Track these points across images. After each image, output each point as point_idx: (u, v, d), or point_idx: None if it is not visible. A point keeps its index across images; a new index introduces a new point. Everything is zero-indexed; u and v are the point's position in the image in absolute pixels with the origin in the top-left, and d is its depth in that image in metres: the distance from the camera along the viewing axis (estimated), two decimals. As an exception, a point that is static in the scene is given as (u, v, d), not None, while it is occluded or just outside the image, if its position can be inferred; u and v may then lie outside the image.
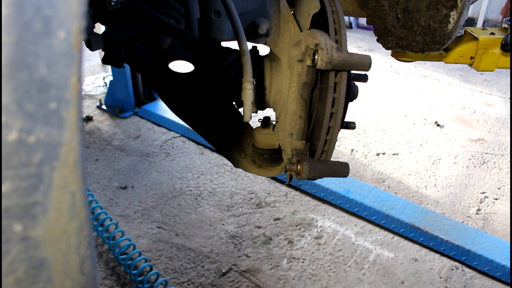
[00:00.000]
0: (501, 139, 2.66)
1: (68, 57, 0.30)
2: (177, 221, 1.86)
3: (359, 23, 5.30)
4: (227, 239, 1.76)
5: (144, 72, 1.09)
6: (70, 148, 0.32)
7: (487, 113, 3.00)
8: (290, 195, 2.05)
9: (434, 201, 2.05)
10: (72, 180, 0.33)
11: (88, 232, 0.35)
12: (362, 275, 1.62)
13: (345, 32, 0.72)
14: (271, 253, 1.70)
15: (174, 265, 1.63)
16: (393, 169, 2.29)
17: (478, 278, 1.62)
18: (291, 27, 0.78)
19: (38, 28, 0.28)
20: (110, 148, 2.42)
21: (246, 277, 1.58)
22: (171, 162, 2.29)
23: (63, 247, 0.34)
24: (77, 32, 0.30)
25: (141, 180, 2.13)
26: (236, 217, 1.89)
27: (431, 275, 1.63)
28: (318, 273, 1.62)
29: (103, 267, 1.61)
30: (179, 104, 1.06)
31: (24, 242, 0.31)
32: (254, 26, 0.78)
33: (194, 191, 2.06)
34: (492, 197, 2.09)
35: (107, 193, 2.02)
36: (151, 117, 2.73)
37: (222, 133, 1.02)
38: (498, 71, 3.65)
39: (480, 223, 1.92)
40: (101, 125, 2.68)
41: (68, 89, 0.31)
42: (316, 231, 1.83)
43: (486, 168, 2.34)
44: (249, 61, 0.70)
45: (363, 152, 2.45)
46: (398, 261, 1.69)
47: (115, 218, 1.84)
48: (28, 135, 0.29)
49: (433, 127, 2.77)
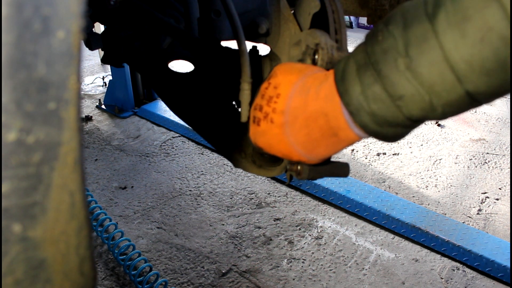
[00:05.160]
0: (502, 139, 2.66)
1: (67, 57, 0.30)
2: (177, 221, 1.86)
3: (359, 23, 5.30)
4: (227, 239, 1.76)
5: (143, 72, 1.09)
6: (69, 148, 0.32)
7: (488, 113, 3.00)
8: (290, 195, 2.04)
9: (435, 202, 2.05)
10: (72, 180, 0.33)
11: (87, 232, 0.35)
12: (362, 275, 1.62)
13: (345, 31, 0.72)
14: (271, 254, 1.70)
15: (174, 265, 1.63)
16: (393, 169, 2.29)
17: (479, 279, 1.62)
18: (291, 27, 0.78)
19: (37, 28, 0.28)
20: (109, 148, 2.42)
21: (246, 278, 1.58)
22: (170, 162, 2.29)
23: (63, 247, 0.33)
24: (76, 31, 0.30)
25: (141, 180, 2.13)
26: (236, 217, 1.89)
27: (432, 275, 1.63)
28: (319, 274, 1.61)
29: (103, 268, 1.61)
30: (179, 103, 1.06)
31: (23, 242, 0.31)
32: (254, 26, 0.78)
33: (194, 191, 2.06)
34: (493, 197, 2.09)
35: (106, 193, 2.02)
36: (151, 117, 2.73)
37: (222, 133, 1.02)
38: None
39: (481, 224, 1.91)
40: (100, 125, 2.68)
41: (67, 89, 0.31)
42: (317, 231, 1.83)
43: (487, 168, 2.34)
44: (247, 61, 0.70)
45: (363, 152, 2.44)
46: (398, 261, 1.69)
47: (114, 218, 1.84)
48: (27, 135, 0.29)
49: (433, 127, 2.77)
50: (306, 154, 0.54)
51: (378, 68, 0.42)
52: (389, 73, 0.41)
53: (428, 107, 0.41)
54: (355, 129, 0.48)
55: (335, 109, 0.48)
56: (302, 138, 0.52)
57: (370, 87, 0.43)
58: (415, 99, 0.41)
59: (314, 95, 0.50)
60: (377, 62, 0.42)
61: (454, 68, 0.37)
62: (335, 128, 0.49)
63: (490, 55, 0.35)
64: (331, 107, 0.48)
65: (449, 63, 0.37)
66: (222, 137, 1.02)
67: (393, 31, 0.41)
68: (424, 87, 0.40)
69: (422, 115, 0.43)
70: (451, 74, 0.38)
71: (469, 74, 0.37)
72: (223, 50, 0.91)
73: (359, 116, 0.45)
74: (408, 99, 0.41)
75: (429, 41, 0.38)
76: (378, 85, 0.42)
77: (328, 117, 0.49)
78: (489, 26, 0.35)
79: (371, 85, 0.43)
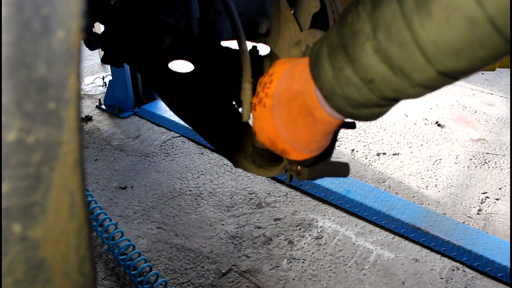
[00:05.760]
0: (502, 139, 2.65)
1: (67, 57, 0.30)
2: (177, 221, 1.86)
3: (359, 23, 5.29)
4: (227, 239, 1.76)
5: (143, 72, 1.09)
6: (69, 148, 0.32)
7: (488, 113, 3.00)
8: (290, 195, 2.04)
9: (435, 202, 2.04)
10: (72, 180, 0.33)
11: (87, 232, 0.35)
12: (362, 275, 1.62)
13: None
14: (271, 254, 1.70)
15: (174, 265, 1.63)
16: (393, 169, 2.29)
17: (479, 279, 1.62)
18: (291, 27, 0.78)
19: (37, 28, 0.28)
20: (109, 148, 2.42)
21: (246, 278, 1.58)
22: (170, 162, 2.29)
23: (62, 247, 0.33)
24: (76, 31, 0.30)
25: (141, 180, 2.13)
26: (236, 217, 1.89)
27: (432, 275, 1.63)
28: (319, 274, 1.61)
29: (103, 268, 1.61)
30: (179, 103, 1.06)
31: (23, 242, 0.31)
32: (254, 26, 0.78)
33: (194, 191, 2.06)
34: (493, 197, 2.09)
35: (106, 193, 2.02)
36: (151, 117, 2.73)
37: (222, 133, 1.02)
38: (499, 71, 3.66)
39: (481, 224, 1.91)
40: (100, 125, 2.68)
41: (67, 89, 0.31)
42: (317, 231, 1.83)
43: (487, 168, 2.34)
44: (248, 61, 0.70)
45: (363, 152, 2.44)
46: (398, 261, 1.69)
47: (114, 218, 1.84)
48: (27, 135, 0.29)
49: (434, 127, 2.77)
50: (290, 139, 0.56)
51: (348, 51, 0.42)
52: (358, 56, 0.41)
53: (401, 88, 0.41)
54: (327, 109, 0.48)
55: (309, 88, 0.49)
56: (285, 118, 0.54)
57: (341, 71, 0.43)
58: (386, 81, 0.41)
59: (297, 77, 0.52)
60: (346, 45, 0.42)
61: (423, 49, 0.37)
62: (310, 107, 0.50)
63: (456, 35, 0.35)
64: (307, 87, 0.49)
65: (417, 44, 0.37)
66: (222, 137, 1.02)
67: (362, 12, 0.40)
68: (394, 70, 0.39)
69: (395, 96, 0.42)
70: (420, 56, 0.37)
71: (438, 55, 0.37)
72: (223, 50, 0.91)
73: (333, 100, 0.46)
74: (379, 82, 0.41)
75: (396, 23, 0.37)
76: (349, 69, 0.42)
77: (304, 96, 0.50)
78: (454, 5, 0.34)
79: (342, 69, 0.43)
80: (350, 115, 0.47)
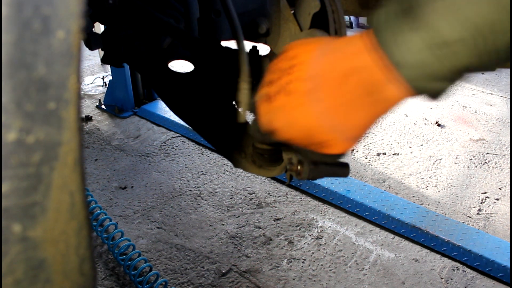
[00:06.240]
0: (502, 139, 2.65)
1: (67, 57, 0.30)
2: (177, 221, 1.86)
3: (359, 23, 5.30)
4: (227, 239, 1.76)
5: (143, 72, 1.09)
6: (69, 148, 0.32)
7: (488, 113, 3.00)
8: (290, 195, 2.04)
9: (435, 202, 2.04)
10: (72, 180, 0.33)
11: (87, 232, 0.35)
12: (362, 275, 1.62)
13: (345, 31, 0.72)
14: (271, 254, 1.70)
15: (174, 265, 1.63)
16: (393, 169, 2.29)
17: (479, 279, 1.62)
18: (291, 27, 0.78)
19: (37, 28, 0.28)
20: (109, 148, 2.42)
21: (246, 278, 1.58)
22: (170, 162, 2.29)
23: (62, 247, 0.33)
24: (76, 31, 0.30)
25: (141, 180, 2.13)
26: (236, 217, 1.89)
27: (432, 275, 1.63)
28: (319, 274, 1.61)
29: (103, 268, 1.61)
30: (179, 103, 1.06)
31: (23, 242, 0.31)
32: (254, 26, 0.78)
33: (194, 191, 2.05)
34: (493, 197, 2.09)
35: (106, 193, 2.02)
36: (151, 117, 2.73)
37: (222, 133, 1.02)
38: (499, 71, 3.66)
39: (481, 224, 1.91)
40: (100, 125, 2.68)
41: (67, 89, 0.31)
42: (317, 231, 1.83)
43: (487, 168, 2.34)
44: (246, 61, 0.70)
45: (363, 152, 2.44)
46: (398, 261, 1.69)
47: (114, 218, 1.84)
48: (27, 135, 0.29)
49: (434, 127, 2.77)
50: (339, 126, 0.48)
51: (418, 14, 0.38)
52: (429, 18, 0.37)
53: (477, 53, 0.37)
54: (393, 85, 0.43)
55: (370, 64, 0.43)
56: (332, 102, 0.46)
57: (411, 36, 0.39)
58: (461, 45, 0.37)
59: (342, 55, 0.45)
60: (414, 7, 0.38)
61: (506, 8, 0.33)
62: (369, 85, 0.44)
63: None
64: (364, 63, 0.43)
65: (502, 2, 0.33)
66: (222, 137, 1.01)
67: None
68: (470, 31, 0.36)
69: (470, 65, 0.38)
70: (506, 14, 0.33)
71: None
72: (223, 50, 0.91)
73: (404, 69, 0.40)
74: (455, 46, 0.37)
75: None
76: (420, 33, 0.38)
77: (361, 74, 0.44)
78: None
79: (413, 33, 0.39)
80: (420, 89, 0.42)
